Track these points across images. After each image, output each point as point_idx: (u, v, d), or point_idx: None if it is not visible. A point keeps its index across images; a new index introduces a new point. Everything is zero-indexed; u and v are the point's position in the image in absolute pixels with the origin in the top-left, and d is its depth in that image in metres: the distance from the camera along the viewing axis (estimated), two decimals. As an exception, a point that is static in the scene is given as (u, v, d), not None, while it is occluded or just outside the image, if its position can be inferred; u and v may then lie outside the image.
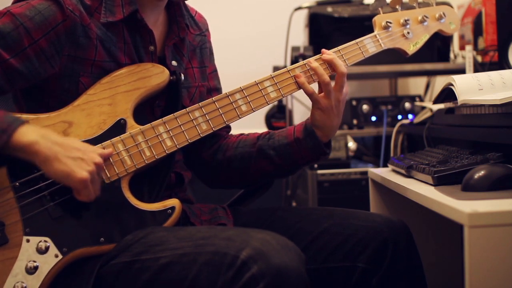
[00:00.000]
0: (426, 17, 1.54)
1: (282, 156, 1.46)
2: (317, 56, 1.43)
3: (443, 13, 1.56)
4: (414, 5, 1.54)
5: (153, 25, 1.40)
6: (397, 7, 1.53)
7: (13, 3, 1.33)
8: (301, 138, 1.43)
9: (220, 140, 1.55)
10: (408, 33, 1.52)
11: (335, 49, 1.44)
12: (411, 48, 1.53)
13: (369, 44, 1.48)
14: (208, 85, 1.54)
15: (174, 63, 1.42)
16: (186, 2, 1.47)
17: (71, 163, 1.19)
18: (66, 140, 1.22)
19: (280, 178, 1.56)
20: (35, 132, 1.20)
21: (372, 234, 1.35)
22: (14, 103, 1.42)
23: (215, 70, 1.59)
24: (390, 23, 1.50)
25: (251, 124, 2.22)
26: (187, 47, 1.47)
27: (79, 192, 1.21)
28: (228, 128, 1.57)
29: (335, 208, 1.46)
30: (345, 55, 1.45)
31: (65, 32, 1.30)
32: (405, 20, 1.52)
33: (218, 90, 1.58)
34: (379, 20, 1.51)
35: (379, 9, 1.52)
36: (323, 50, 1.43)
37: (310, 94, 1.40)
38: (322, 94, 1.40)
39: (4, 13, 1.28)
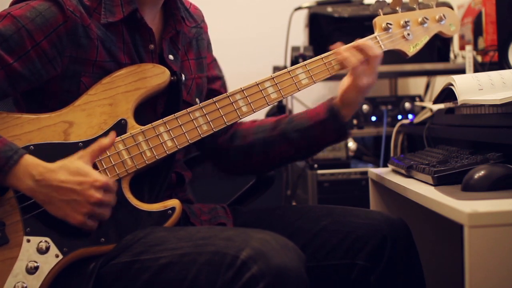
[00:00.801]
0: (426, 18, 1.54)
1: (305, 138, 1.47)
2: (349, 45, 1.44)
3: (443, 15, 1.56)
4: (414, 6, 1.54)
5: (151, 23, 1.40)
6: (397, 8, 1.53)
7: (11, 4, 1.33)
8: (326, 119, 1.44)
9: (236, 126, 1.55)
10: (408, 34, 1.52)
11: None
12: (411, 50, 1.53)
13: (369, 45, 1.48)
14: (209, 75, 1.54)
15: (170, 57, 1.42)
16: None
17: (66, 207, 1.20)
18: (64, 177, 1.20)
19: (298, 161, 1.59)
20: (31, 176, 1.19)
21: (371, 232, 1.35)
22: (14, 104, 1.41)
23: (215, 60, 1.59)
24: (390, 24, 1.50)
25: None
26: (182, 39, 1.47)
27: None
28: None
29: (334, 206, 1.46)
30: (345, 56, 1.45)
31: (66, 33, 1.29)
32: (405, 22, 1.52)
33: (220, 78, 1.58)
34: (379, 21, 1.51)
35: (379, 10, 1.52)
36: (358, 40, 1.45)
37: (355, 68, 1.42)
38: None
39: (5, 16, 1.27)
